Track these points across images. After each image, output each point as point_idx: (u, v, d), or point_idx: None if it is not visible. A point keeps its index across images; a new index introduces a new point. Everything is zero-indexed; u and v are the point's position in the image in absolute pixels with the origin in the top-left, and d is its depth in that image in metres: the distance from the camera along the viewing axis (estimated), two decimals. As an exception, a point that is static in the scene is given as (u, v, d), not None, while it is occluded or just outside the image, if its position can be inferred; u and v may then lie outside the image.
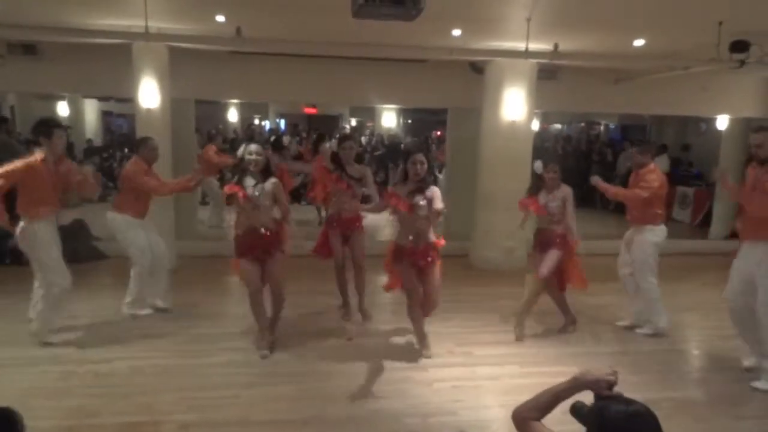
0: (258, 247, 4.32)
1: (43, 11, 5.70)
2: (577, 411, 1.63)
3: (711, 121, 11.44)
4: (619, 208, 4.96)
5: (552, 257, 4.70)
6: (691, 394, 4.04)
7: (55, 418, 3.43)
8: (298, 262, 6.01)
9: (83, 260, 7.00)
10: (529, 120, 7.27)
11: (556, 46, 6.62)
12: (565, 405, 1.70)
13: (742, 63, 5.86)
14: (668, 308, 5.13)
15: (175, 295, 5.63)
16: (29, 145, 10.16)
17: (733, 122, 9.39)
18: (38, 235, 4.40)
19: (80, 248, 7.13)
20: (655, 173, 4.92)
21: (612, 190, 5.16)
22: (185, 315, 5.29)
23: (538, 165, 4.71)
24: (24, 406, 1.69)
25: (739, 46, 5.64)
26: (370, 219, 5.31)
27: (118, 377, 4.03)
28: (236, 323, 5.09)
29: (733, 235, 9.30)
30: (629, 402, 1.53)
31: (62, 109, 13.74)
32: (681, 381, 4.18)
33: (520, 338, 4.86)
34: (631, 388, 3.89)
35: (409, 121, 19.13)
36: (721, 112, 9.26)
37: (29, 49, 6.85)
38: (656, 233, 4.96)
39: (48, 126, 4.46)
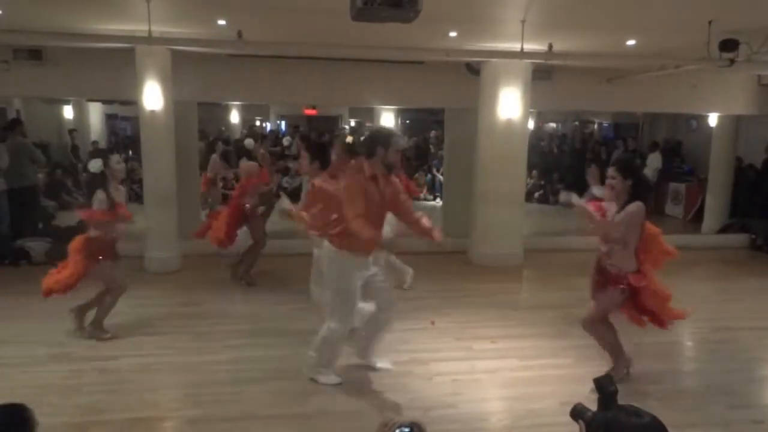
0: None
1: (47, 17, 5.77)
2: (578, 413, 1.52)
3: (702, 118, 11.54)
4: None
5: None
6: (686, 385, 4.13)
7: (64, 414, 3.48)
8: (294, 261, 6.13)
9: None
10: (525, 119, 7.35)
11: (550, 46, 6.68)
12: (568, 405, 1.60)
13: (732, 62, 5.91)
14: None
15: (180, 294, 5.73)
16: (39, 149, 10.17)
17: (723, 119, 9.49)
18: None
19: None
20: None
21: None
22: (190, 313, 5.37)
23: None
24: (34, 403, 1.72)
25: (729, 45, 5.67)
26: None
27: (125, 374, 4.09)
28: (240, 321, 5.18)
29: (722, 230, 9.39)
30: (639, 414, 1.41)
31: (67, 112, 13.93)
32: (676, 372, 4.26)
33: None
34: (626, 379, 4.02)
35: (407, 121, 19.20)
36: (712, 109, 9.35)
37: (34, 54, 6.92)
38: None
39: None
